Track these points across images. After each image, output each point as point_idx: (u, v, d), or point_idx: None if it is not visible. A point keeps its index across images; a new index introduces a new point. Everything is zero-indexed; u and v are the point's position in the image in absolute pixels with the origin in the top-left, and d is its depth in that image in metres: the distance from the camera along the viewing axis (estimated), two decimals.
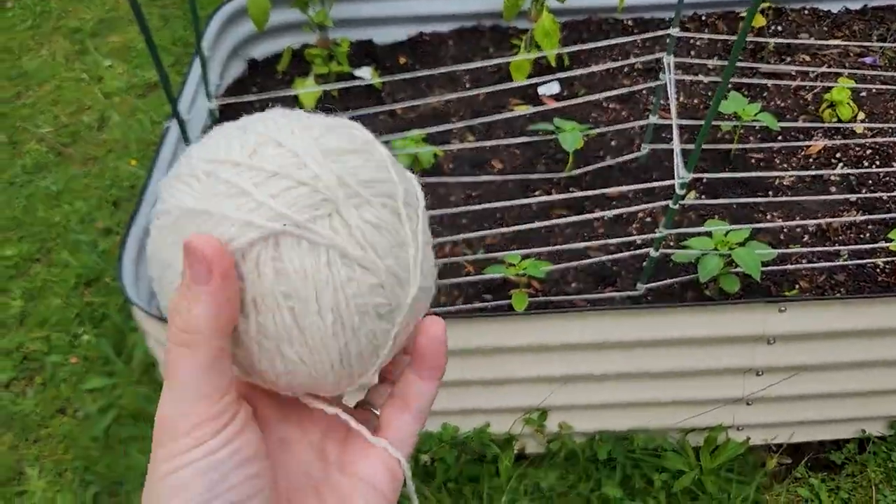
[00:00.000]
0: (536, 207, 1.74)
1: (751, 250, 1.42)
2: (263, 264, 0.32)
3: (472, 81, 2.12)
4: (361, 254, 0.33)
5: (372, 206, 0.34)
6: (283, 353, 0.33)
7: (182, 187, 0.34)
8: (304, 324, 0.33)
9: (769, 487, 1.52)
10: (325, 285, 0.32)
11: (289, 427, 0.39)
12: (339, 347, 0.34)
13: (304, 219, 0.32)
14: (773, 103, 1.97)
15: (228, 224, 0.32)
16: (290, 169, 0.33)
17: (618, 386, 1.48)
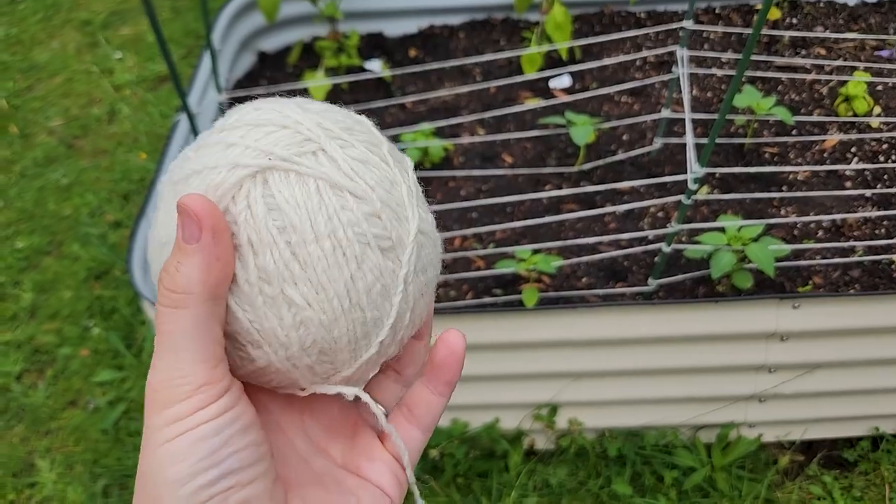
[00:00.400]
0: (547, 202, 1.73)
1: (764, 246, 1.40)
2: (254, 202, 0.32)
3: (483, 74, 2.11)
4: (351, 183, 0.33)
5: (356, 147, 0.35)
6: (289, 297, 0.32)
7: (176, 170, 0.35)
8: (303, 256, 0.32)
9: (781, 485, 1.51)
10: (318, 212, 0.32)
11: (287, 416, 0.38)
12: (344, 280, 0.32)
13: (289, 154, 0.33)
14: (788, 97, 1.95)
15: (216, 172, 0.32)
16: (274, 119, 0.34)
17: (628, 382, 1.47)
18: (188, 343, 0.31)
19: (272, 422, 0.37)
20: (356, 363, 0.35)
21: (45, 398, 1.77)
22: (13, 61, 2.79)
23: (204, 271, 0.31)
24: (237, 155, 0.32)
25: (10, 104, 2.59)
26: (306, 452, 0.38)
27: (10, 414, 1.75)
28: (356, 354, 0.35)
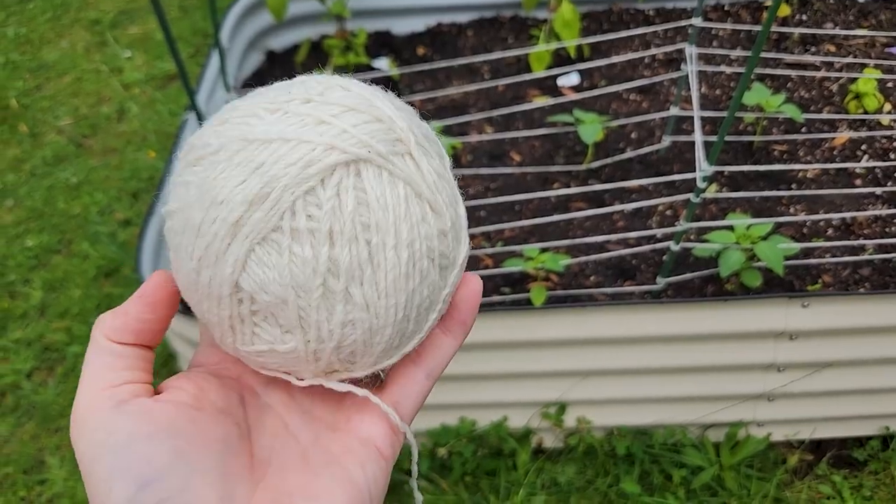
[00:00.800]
0: (555, 200, 1.73)
1: (773, 244, 1.39)
2: (345, 191, 0.31)
3: (491, 72, 2.11)
4: (432, 196, 0.33)
5: (433, 158, 0.34)
6: (352, 295, 0.31)
7: (239, 124, 0.32)
8: (379, 259, 0.31)
9: (790, 484, 1.51)
10: (404, 219, 0.32)
11: (274, 393, 0.37)
12: (407, 293, 0.32)
13: (385, 150, 0.32)
14: (797, 94, 1.94)
15: (309, 147, 0.31)
16: (365, 106, 0.33)
17: (637, 381, 1.47)
18: (93, 365, 0.34)
19: (260, 402, 0.37)
20: (373, 367, 0.35)
21: (55, 396, 1.78)
22: (23, 61, 2.80)
23: (112, 314, 0.35)
24: (334, 136, 0.31)
25: (20, 103, 2.61)
26: (295, 426, 0.36)
27: (21, 411, 1.77)
28: (379, 360, 0.35)
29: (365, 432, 0.35)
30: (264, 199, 0.30)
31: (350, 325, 0.32)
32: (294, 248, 0.31)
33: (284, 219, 0.31)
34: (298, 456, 0.35)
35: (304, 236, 0.31)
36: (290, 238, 0.31)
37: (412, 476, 0.40)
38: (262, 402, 0.37)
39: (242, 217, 0.31)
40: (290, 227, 0.31)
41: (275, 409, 0.37)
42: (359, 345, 0.33)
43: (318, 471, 0.33)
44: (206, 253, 0.31)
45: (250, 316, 0.32)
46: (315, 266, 0.31)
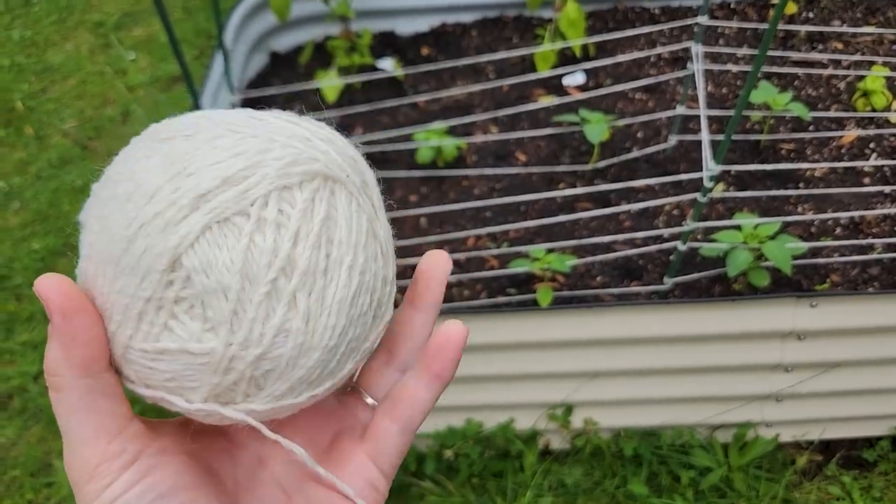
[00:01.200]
0: (561, 200, 1.72)
1: (781, 244, 1.38)
2: (319, 201, 0.31)
3: (496, 72, 2.10)
4: (385, 243, 0.35)
5: (375, 186, 0.36)
6: (296, 301, 0.30)
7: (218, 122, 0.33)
8: (333, 274, 0.31)
9: (799, 485, 1.50)
10: (363, 248, 0.33)
11: (265, 445, 0.37)
12: (347, 319, 0.32)
13: (358, 183, 0.34)
14: (805, 92, 1.93)
15: (296, 151, 0.32)
16: (339, 141, 0.35)
17: (644, 382, 1.46)
18: (71, 424, 0.30)
19: (253, 457, 0.36)
20: (274, 403, 0.33)
21: None
22: (28, 63, 2.80)
23: (63, 353, 0.30)
24: (318, 152, 0.32)
25: (26, 106, 2.61)
26: (284, 480, 0.36)
27: (28, 414, 1.77)
28: (286, 394, 0.33)
29: (350, 491, 0.35)
30: (241, 181, 0.30)
31: (283, 334, 0.31)
32: (256, 236, 0.30)
33: (255, 205, 0.30)
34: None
35: (269, 227, 0.30)
36: (254, 225, 0.30)
37: None
38: (251, 454, 0.36)
39: (211, 192, 0.30)
40: (258, 214, 0.30)
41: (268, 464, 0.36)
42: (281, 362, 0.31)
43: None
44: (152, 220, 0.30)
45: (172, 303, 0.30)
46: (272, 260, 0.30)
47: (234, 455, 0.36)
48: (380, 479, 0.35)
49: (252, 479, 0.35)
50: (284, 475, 0.36)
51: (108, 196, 0.32)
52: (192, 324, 0.30)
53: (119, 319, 0.30)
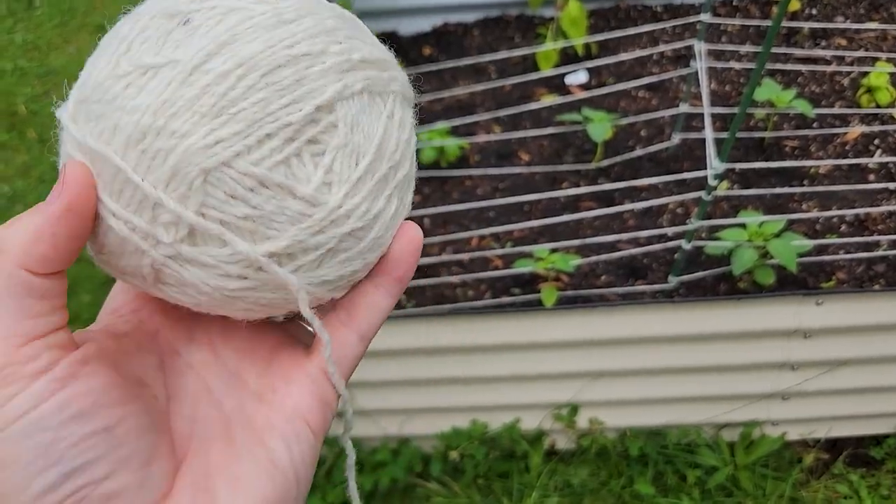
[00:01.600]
0: (565, 200, 1.71)
1: (786, 242, 1.38)
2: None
3: (498, 72, 2.10)
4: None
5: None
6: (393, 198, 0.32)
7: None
8: (411, 183, 0.33)
9: (806, 484, 1.49)
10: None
11: (197, 350, 0.33)
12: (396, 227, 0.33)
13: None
14: (808, 89, 1.92)
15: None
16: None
17: (649, 381, 1.45)
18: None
19: (181, 364, 0.32)
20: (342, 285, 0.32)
21: None
22: (31, 67, 2.81)
23: (32, 238, 0.26)
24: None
25: (28, 109, 2.61)
26: (220, 390, 0.32)
27: None
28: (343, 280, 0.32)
29: (292, 405, 0.31)
30: (385, 67, 0.33)
31: (377, 220, 0.31)
32: (391, 120, 0.32)
33: (391, 95, 0.32)
34: (222, 428, 0.31)
35: (396, 118, 0.32)
36: (390, 109, 0.32)
37: (348, 464, 0.36)
38: (182, 363, 0.32)
39: (367, 62, 0.32)
40: (391, 104, 0.32)
41: (197, 371, 0.32)
42: (358, 246, 0.31)
43: (241, 451, 0.30)
44: (320, 57, 0.30)
45: (305, 142, 0.29)
46: (395, 148, 0.32)
47: (165, 363, 0.32)
48: (330, 393, 0.32)
49: (184, 391, 0.32)
50: (219, 386, 0.32)
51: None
52: (315, 171, 0.29)
53: (241, 130, 0.28)
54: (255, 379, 0.32)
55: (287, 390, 0.32)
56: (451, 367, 1.42)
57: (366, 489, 1.47)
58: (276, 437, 0.30)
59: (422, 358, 1.41)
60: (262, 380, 0.32)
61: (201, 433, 0.31)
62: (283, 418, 0.31)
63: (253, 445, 0.30)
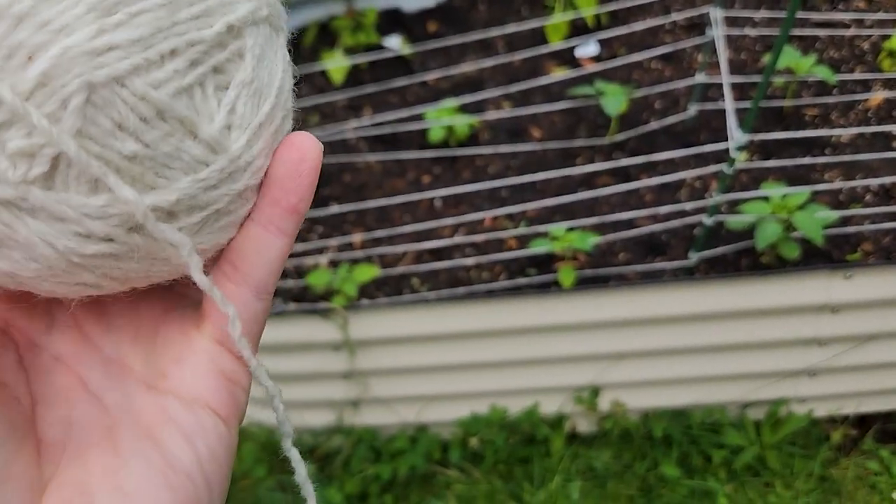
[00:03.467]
0: (579, 176, 1.67)
1: (811, 214, 1.33)
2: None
3: (506, 46, 2.04)
4: None
5: None
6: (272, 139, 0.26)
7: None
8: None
9: (835, 462, 1.45)
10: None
11: (62, 337, 0.26)
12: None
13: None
14: (827, 55, 1.86)
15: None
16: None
17: (672, 361, 1.41)
18: None
19: (45, 358, 0.26)
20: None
21: None
22: None
23: None
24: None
25: None
26: (98, 384, 0.26)
27: None
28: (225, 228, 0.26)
29: (188, 389, 0.25)
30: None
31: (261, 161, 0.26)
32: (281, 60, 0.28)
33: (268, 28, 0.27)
34: (103, 429, 0.25)
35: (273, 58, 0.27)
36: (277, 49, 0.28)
37: (287, 449, 0.28)
38: (46, 357, 0.26)
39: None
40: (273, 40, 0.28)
41: (66, 363, 0.26)
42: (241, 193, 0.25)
43: (128, 456, 0.24)
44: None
45: (212, 71, 0.24)
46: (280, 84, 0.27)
47: (25, 360, 0.26)
48: (237, 368, 0.26)
49: (52, 390, 0.26)
50: (96, 378, 0.26)
51: None
52: (218, 109, 0.24)
53: (141, 38, 0.21)
54: (140, 363, 0.26)
55: (180, 372, 0.25)
56: (468, 352, 1.39)
57: (384, 478, 1.45)
58: (172, 433, 0.24)
59: (438, 344, 1.38)
60: (149, 363, 0.26)
61: (78, 437, 0.25)
62: (179, 407, 0.25)
63: (143, 447, 0.24)
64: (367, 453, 1.46)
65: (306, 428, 1.48)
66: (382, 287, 1.52)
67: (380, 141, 1.80)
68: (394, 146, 1.79)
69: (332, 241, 1.59)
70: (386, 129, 1.78)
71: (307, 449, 1.47)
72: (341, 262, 1.51)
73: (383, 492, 1.48)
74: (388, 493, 1.48)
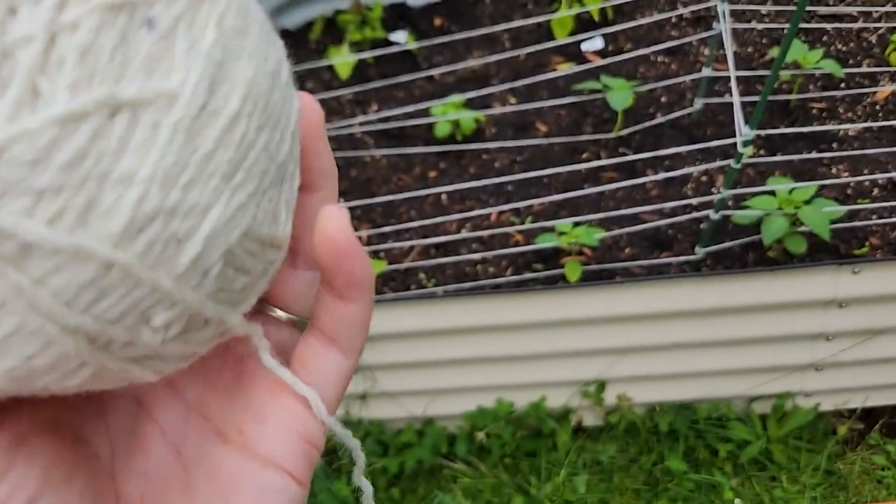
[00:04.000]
0: (585, 171, 1.67)
1: (818, 208, 1.33)
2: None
3: (512, 41, 2.04)
4: None
5: None
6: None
7: None
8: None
9: (842, 455, 1.46)
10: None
11: (144, 396, 0.26)
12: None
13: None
14: (834, 48, 1.85)
15: None
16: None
17: (679, 355, 1.42)
18: None
19: (127, 402, 0.26)
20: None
21: None
22: None
23: None
24: None
25: None
26: (177, 433, 0.25)
27: None
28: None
29: (266, 450, 0.24)
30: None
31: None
32: None
33: None
34: (180, 484, 0.25)
35: None
36: None
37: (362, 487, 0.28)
38: (129, 401, 0.26)
39: None
40: None
41: (148, 409, 0.26)
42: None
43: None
44: None
45: None
46: None
47: (107, 406, 0.25)
48: (318, 432, 0.25)
49: (133, 438, 0.25)
50: (175, 425, 0.26)
51: None
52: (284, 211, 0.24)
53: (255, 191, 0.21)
54: (218, 414, 0.26)
55: (260, 431, 0.25)
56: (475, 346, 1.39)
57: (391, 472, 1.45)
58: (246, 493, 0.24)
59: (445, 338, 1.38)
60: (228, 414, 0.25)
61: (154, 494, 0.24)
62: (255, 467, 0.24)
63: (218, 503, 0.24)
64: (374, 447, 1.47)
65: None
66: (389, 282, 1.52)
67: (386, 136, 1.80)
68: (400, 141, 1.79)
69: None
70: (392, 123, 1.79)
71: None
72: None
73: (390, 485, 1.49)
74: (395, 486, 1.48)
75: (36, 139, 0.17)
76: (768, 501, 1.41)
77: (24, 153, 0.17)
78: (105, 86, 0.18)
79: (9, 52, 0.17)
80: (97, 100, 0.17)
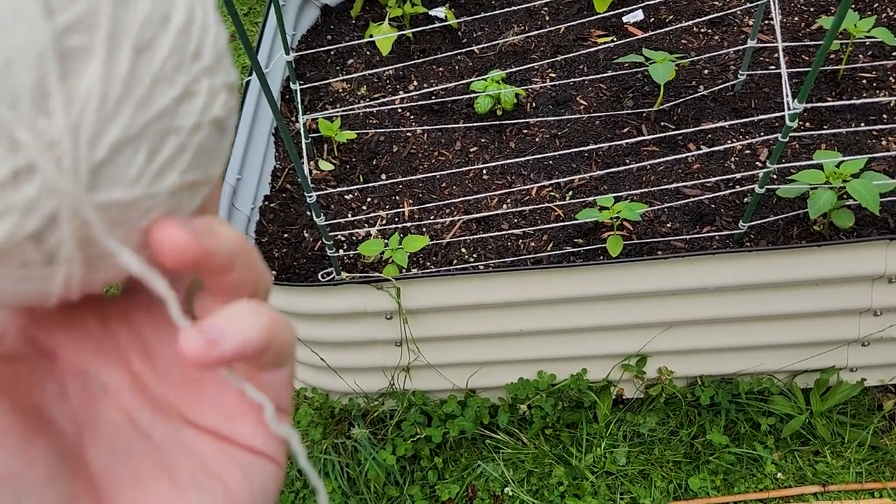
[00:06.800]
0: (626, 145, 1.66)
1: (868, 182, 1.31)
2: None
3: (552, 14, 2.02)
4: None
5: None
6: None
7: None
8: None
9: (888, 431, 1.45)
10: None
11: (108, 369, 0.25)
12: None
13: None
14: (885, 14, 1.80)
15: None
16: None
17: (721, 330, 1.42)
18: None
19: (92, 387, 0.25)
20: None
21: None
22: None
23: None
24: None
25: None
26: (147, 422, 0.25)
27: None
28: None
29: (243, 438, 0.25)
30: None
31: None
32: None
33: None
34: (157, 460, 0.25)
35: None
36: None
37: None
38: (94, 386, 0.25)
39: None
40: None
41: (114, 395, 0.25)
42: None
43: (187, 486, 0.24)
44: None
45: None
46: None
47: (70, 390, 0.25)
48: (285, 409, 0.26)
49: (99, 420, 0.25)
50: (144, 415, 0.25)
51: None
52: None
53: None
54: (187, 409, 0.26)
55: (231, 427, 0.25)
56: (516, 320, 1.41)
57: (435, 441, 1.49)
58: (231, 468, 0.25)
59: (487, 312, 1.40)
60: (196, 408, 0.26)
61: (129, 471, 0.24)
62: (235, 447, 0.25)
63: (203, 480, 0.24)
64: (418, 417, 1.50)
65: (361, 392, 1.53)
66: (431, 257, 1.54)
67: (427, 111, 1.81)
68: (441, 117, 1.80)
69: (382, 212, 1.62)
70: (433, 99, 1.79)
71: (361, 413, 1.52)
72: (391, 232, 1.53)
73: (434, 455, 1.52)
74: (439, 455, 1.52)
75: None
76: (811, 475, 1.41)
77: None
78: None
79: None
80: None
